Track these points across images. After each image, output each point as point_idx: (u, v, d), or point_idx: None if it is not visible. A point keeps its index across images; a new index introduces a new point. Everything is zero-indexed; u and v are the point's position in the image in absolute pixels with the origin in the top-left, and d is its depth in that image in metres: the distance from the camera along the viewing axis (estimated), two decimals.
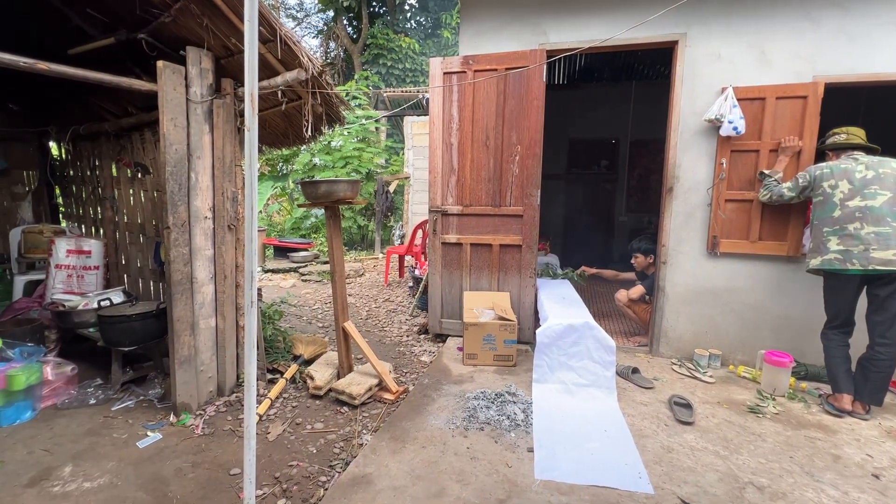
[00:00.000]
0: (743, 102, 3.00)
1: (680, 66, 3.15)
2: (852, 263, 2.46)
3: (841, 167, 2.59)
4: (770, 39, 3.00)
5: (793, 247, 3.00)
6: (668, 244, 3.30)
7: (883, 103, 5.10)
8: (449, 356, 3.38)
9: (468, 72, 3.42)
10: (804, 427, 2.43)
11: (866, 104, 5.40)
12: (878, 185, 2.46)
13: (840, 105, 3.43)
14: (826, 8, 2.88)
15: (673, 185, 3.24)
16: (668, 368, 3.19)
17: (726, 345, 3.24)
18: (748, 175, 3.08)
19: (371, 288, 5.81)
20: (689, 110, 3.17)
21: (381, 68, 13.25)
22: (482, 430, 2.37)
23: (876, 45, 2.82)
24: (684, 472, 2.04)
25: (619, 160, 7.28)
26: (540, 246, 4.44)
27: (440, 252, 3.68)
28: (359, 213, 8.74)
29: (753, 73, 3.04)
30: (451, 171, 3.57)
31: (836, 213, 2.54)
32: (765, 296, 3.13)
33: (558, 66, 5.80)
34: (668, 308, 3.34)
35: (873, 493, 1.91)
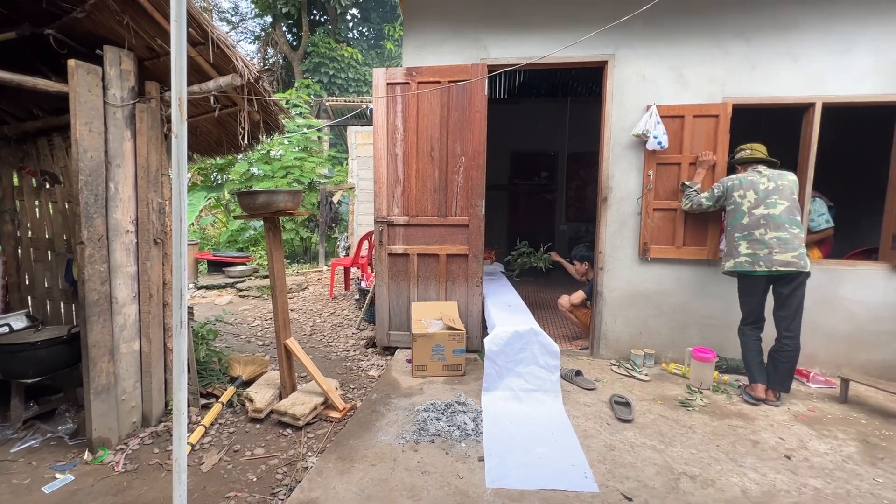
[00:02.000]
0: (666, 119, 3.26)
1: (610, 84, 3.38)
2: (759, 265, 2.74)
3: (748, 179, 2.89)
4: (687, 64, 3.29)
5: (711, 251, 3.29)
6: (604, 251, 3.49)
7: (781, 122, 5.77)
8: (398, 369, 3.32)
9: (412, 83, 3.44)
10: (727, 417, 2.65)
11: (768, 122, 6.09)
12: (778, 195, 2.77)
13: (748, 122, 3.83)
14: (733, 38, 3.21)
15: (607, 196, 3.45)
16: (608, 369, 3.35)
17: (659, 344, 3.46)
18: (672, 186, 3.34)
19: (315, 302, 5.60)
20: (619, 126, 3.40)
21: (322, 77, 13.01)
22: (433, 442, 2.34)
23: (773, 72, 3.19)
24: (626, 468, 2.14)
25: (558, 172, 7.64)
26: (486, 255, 4.52)
27: (387, 263, 3.64)
28: (301, 225, 8.44)
29: (674, 93, 3.32)
30: (396, 181, 3.56)
31: (745, 220, 2.82)
32: (690, 297, 3.40)
33: (500, 80, 6.01)
34: (606, 312, 3.52)
35: (786, 472, 2.11)
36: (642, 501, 1.90)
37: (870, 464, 2.20)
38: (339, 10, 13.81)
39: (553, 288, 4.52)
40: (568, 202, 7.64)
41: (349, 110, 8.79)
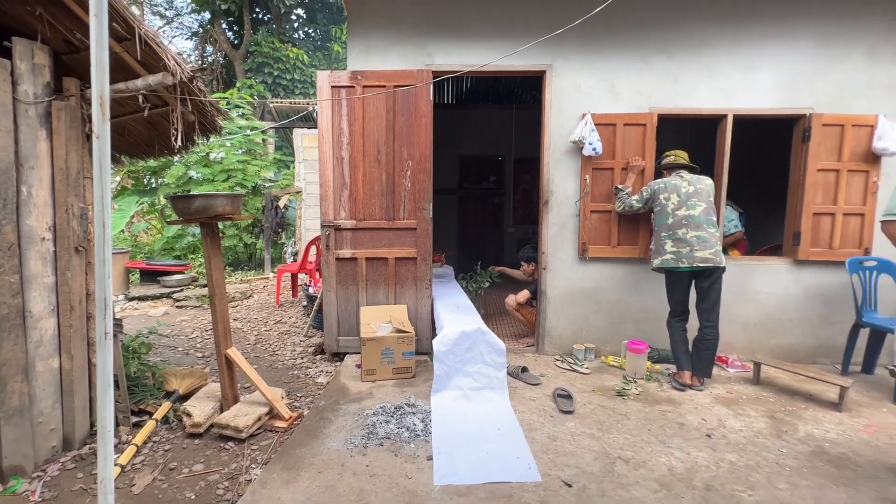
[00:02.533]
0: (600, 127, 3.48)
1: (548, 93, 3.55)
2: (683, 262, 2.99)
3: (672, 183, 3.15)
4: (618, 76, 3.53)
5: (642, 250, 3.54)
6: (547, 252, 3.65)
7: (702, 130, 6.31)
8: (347, 374, 3.28)
9: (357, 87, 3.43)
10: (658, 403, 2.86)
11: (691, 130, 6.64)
12: (697, 198, 3.04)
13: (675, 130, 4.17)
14: (656, 54, 3.49)
15: (548, 199, 3.61)
16: (552, 364, 3.50)
17: (598, 338, 3.67)
18: (607, 189, 3.56)
19: (261, 310, 5.40)
20: (558, 132, 3.58)
21: (266, 77, 12.57)
22: (382, 445, 2.35)
23: (692, 86, 3.50)
24: (567, 456, 2.26)
25: (505, 176, 7.86)
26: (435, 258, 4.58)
27: (334, 268, 3.59)
28: (245, 231, 8.09)
29: (607, 103, 3.55)
30: (343, 185, 3.53)
31: (670, 221, 3.07)
32: (625, 293, 3.63)
33: (448, 86, 6.11)
34: (549, 309, 3.68)
35: (707, 449, 2.32)
36: (581, 486, 2.01)
37: (776, 437, 2.46)
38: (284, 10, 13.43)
39: (504, 289, 4.65)
40: (515, 205, 7.88)
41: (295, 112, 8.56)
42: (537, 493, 1.97)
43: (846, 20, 3.37)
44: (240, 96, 8.91)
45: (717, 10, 3.41)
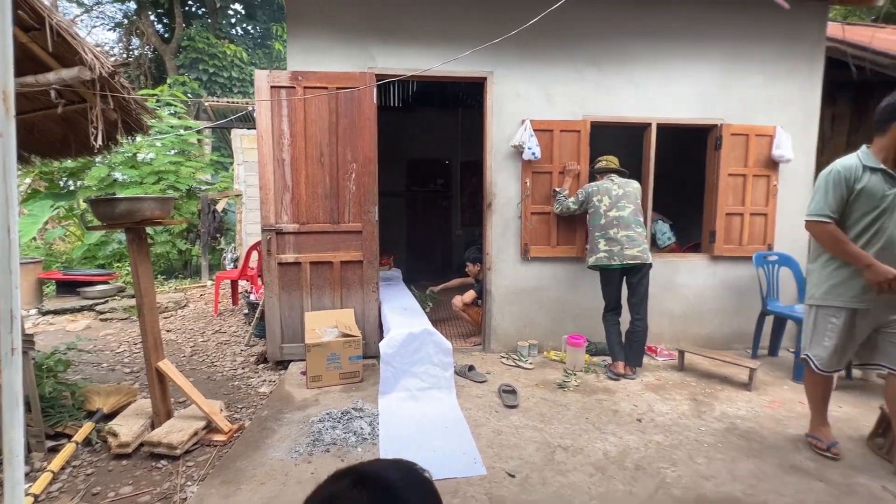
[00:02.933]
0: (538, 132, 3.64)
1: (490, 98, 3.67)
2: (615, 260, 3.20)
3: (604, 186, 3.37)
4: (554, 84, 3.72)
5: (579, 249, 3.75)
6: (491, 252, 3.77)
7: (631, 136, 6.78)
8: (292, 382, 3.20)
9: (298, 87, 3.36)
10: (595, 393, 3.04)
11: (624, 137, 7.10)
12: (626, 200, 3.28)
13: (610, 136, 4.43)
14: (588, 66, 3.71)
15: (491, 201, 3.73)
16: (498, 362, 3.61)
17: (541, 335, 3.83)
18: (546, 192, 3.74)
19: (198, 320, 5.10)
20: (500, 137, 3.70)
21: (201, 74, 11.91)
22: (328, 451, 2.31)
23: (620, 96, 3.76)
24: (511, 448, 2.34)
25: (452, 179, 7.98)
26: (383, 261, 4.56)
27: (277, 273, 3.48)
28: (179, 236, 7.61)
29: (544, 110, 3.72)
30: (284, 187, 3.43)
31: (602, 221, 3.28)
32: (564, 291, 3.82)
33: (394, 89, 6.11)
34: (495, 308, 3.79)
35: (637, 433, 2.50)
36: (524, 476, 2.10)
37: (696, 417, 2.70)
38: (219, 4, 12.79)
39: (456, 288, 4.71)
40: (463, 208, 8.02)
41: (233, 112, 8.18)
42: (482, 485, 2.03)
43: (747, 43, 3.77)
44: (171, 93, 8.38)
45: (638, 27, 3.69)
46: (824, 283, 2.22)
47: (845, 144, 4.72)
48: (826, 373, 2.26)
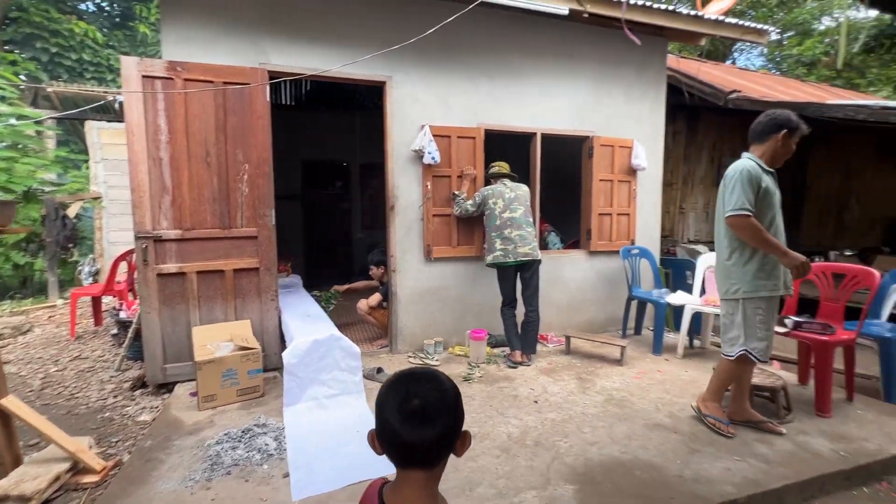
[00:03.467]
0: (437, 138, 3.80)
1: (389, 103, 3.72)
2: (510, 257, 3.49)
3: (497, 189, 3.64)
4: (451, 93, 3.91)
5: (478, 249, 3.99)
6: (395, 254, 3.82)
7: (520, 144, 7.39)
8: (180, 406, 2.88)
9: (177, 79, 3.05)
10: (497, 381, 3.27)
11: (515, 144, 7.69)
12: (517, 202, 3.59)
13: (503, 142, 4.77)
14: (481, 77, 3.97)
15: (394, 204, 3.78)
16: (406, 361, 3.68)
17: (445, 332, 3.99)
18: (446, 195, 3.91)
19: (48, 346, 4.29)
20: (400, 141, 3.78)
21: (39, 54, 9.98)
22: (229, 473, 2.15)
23: (510, 106, 4.09)
24: None
25: (352, 182, 7.85)
26: (281, 267, 4.33)
27: (156, 286, 3.11)
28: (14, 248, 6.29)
29: (442, 116, 3.89)
30: (162, 189, 3.08)
31: (497, 222, 3.55)
32: (466, 289, 4.03)
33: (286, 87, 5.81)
34: (400, 309, 3.86)
35: (535, 413, 2.77)
36: None
37: (582, 393, 3.07)
38: None
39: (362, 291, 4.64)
40: (363, 211, 7.93)
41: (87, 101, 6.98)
42: None
43: (611, 67, 4.39)
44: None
45: (523, 45, 4.06)
46: (748, 276, 2.34)
47: (683, 156, 5.74)
48: (764, 362, 2.43)
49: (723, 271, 2.48)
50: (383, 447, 0.87)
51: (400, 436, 0.83)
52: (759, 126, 2.41)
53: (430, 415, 0.83)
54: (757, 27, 4.35)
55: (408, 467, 0.86)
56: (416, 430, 0.82)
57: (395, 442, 0.85)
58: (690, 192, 5.88)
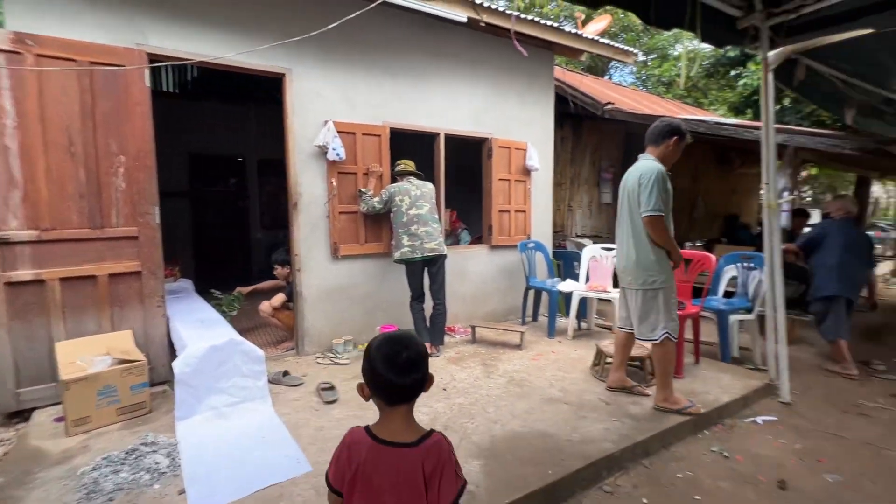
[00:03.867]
0: (342, 134, 3.75)
1: (290, 96, 3.59)
2: (417, 253, 3.60)
3: (404, 187, 3.73)
4: (355, 90, 3.88)
5: (386, 245, 4.03)
6: (300, 253, 3.70)
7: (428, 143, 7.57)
8: (41, 434, 2.49)
9: (27, 55, 2.61)
10: None
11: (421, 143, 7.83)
12: (423, 199, 3.71)
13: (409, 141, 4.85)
14: (385, 75, 4.01)
15: (297, 201, 3.66)
16: (314, 363, 3.59)
17: (355, 330, 3.97)
18: (352, 192, 3.88)
19: None
20: (302, 135, 3.66)
21: None
22: (112, 500, 1.94)
23: (414, 106, 4.19)
24: (335, 440, 2.35)
25: (248, 178, 7.33)
26: (167, 272, 3.93)
27: (4, 297, 2.63)
28: None
29: (347, 112, 3.85)
30: (10, 183, 2.62)
31: (404, 219, 3.64)
32: (375, 285, 4.06)
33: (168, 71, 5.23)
34: (307, 309, 3.75)
35: (444, 400, 2.91)
36: None
37: (487, 377, 3.30)
38: None
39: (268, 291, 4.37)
40: (262, 209, 7.46)
41: None
42: (309, 482, 2.05)
43: (507, 73, 4.72)
44: None
45: (426, 47, 4.19)
46: (665, 268, 2.63)
47: (570, 159, 6.38)
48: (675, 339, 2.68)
49: (642, 265, 2.64)
50: (375, 393, 1.14)
51: (393, 382, 1.09)
52: (655, 130, 2.71)
53: (416, 363, 1.10)
54: (625, 49, 5.03)
55: (395, 405, 1.12)
56: (406, 376, 1.09)
57: (388, 387, 1.10)
58: (577, 192, 6.56)
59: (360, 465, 1.09)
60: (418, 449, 1.09)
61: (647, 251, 2.64)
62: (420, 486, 1.06)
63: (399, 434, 1.11)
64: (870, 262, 3.95)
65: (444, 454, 1.11)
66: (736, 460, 2.39)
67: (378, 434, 1.12)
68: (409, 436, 1.11)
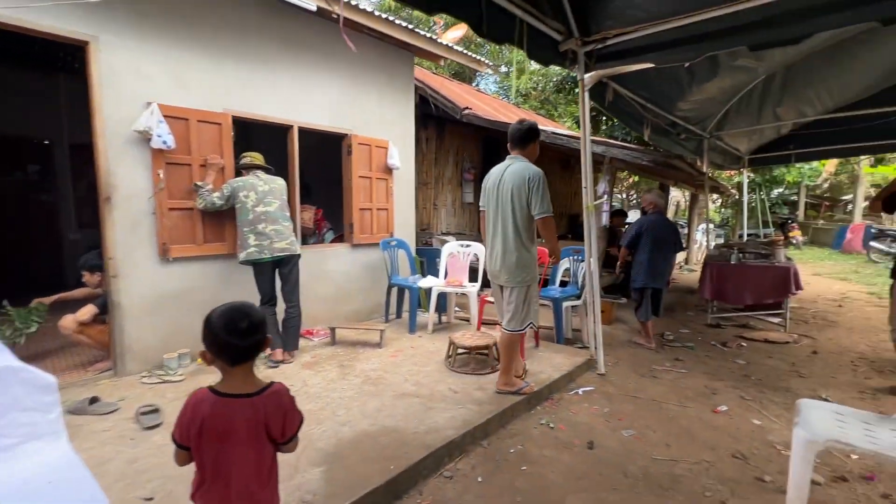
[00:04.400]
0: (171, 119, 3.28)
1: (97, 70, 3.01)
2: (265, 253, 3.34)
3: (249, 182, 3.42)
4: (188, 70, 3.42)
5: (231, 245, 3.66)
6: (116, 256, 3.14)
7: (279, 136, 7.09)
8: None
9: None
10: None
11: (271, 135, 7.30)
12: (272, 196, 3.46)
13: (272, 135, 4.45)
14: (226, 59, 3.60)
15: (111, 195, 3.10)
16: (138, 383, 3.09)
17: (193, 342, 3.46)
18: (186, 186, 3.43)
19: None
20: (117, 118, 3.11)
21: None
22: None
23: (262, 95, 3.86)
24: (149, 472, 2.10)
25: (57, 166, 5.99)
26: None
27: None
28: None
29: (176, 95, 3.38)
30: None
31: (250, 217, 3.35)
32: (218, 290, 3.65)
33: None
34: (128, 322, 3.20)
35: None
36: (165, 494, 1.95)
37: (342, 379, 3.22)
38: None
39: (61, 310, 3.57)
40: (79, 204, 6.17)
41: None
42: None
43: (368, 68, 4.66)
44: None
45: (276, 32, 3.88)
46: (535, 265, 2.87)
47: (434, 159, 6.60)
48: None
49: (517, 263, 2.79)
50: (218, 356, 1.24)
51: (237, 345, 1.22)
52: (520, 133, 2.84)
53: (256, 327, 1.25)
54: (478, 58, 5.37)
55: (237, 364, 1.24)
56: (247, 339, 1.23)
57: (231, 350, 1.22)
58: (442, 191, 6.82)
59: (205, 419, 1.21)
60: (260, 397, 1.24)
61: (527, 250, 2.80)
62: (262, 429, 1.24)
63: (241, 388, 1.24)
64: (676, 247, 4.73)
65: (283, 398, 1.28)
66: (559, 429, 2.73)
67: (221, 389, 1.24)
68: (250, 388, 1.25)
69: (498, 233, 2.87)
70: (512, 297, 2.87)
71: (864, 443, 1.63)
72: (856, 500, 2.07)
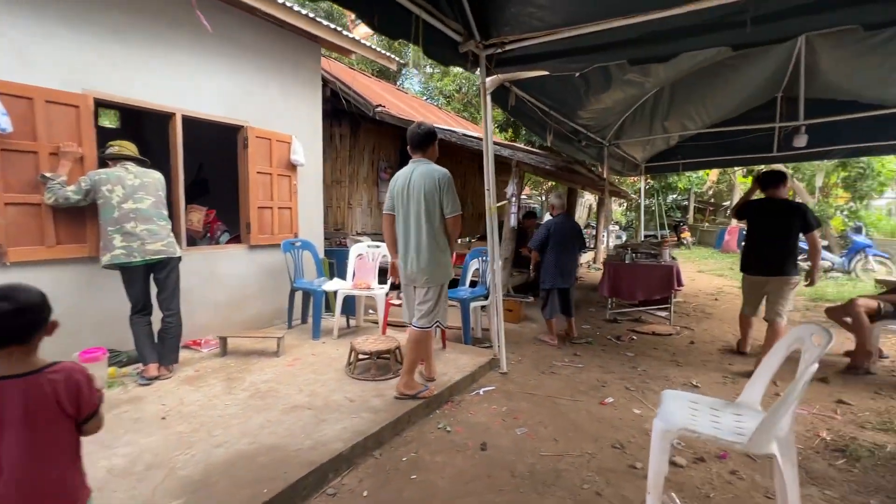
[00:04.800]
0: (8, 98, 2.78)
1: None
2: (135, 256, 2.95)
3: (116, 174, 3.00)
4: (33, 43, 2.91)
5: (94, 247, 3.18)
6: None
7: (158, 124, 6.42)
8: None
9: None
10: (117, 407, 2.71)
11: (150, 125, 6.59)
12: (145, 192, 3.06)
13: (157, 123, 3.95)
14: (86, 32, 3.13)
15: None
16: None
17: None
18: (31, 177, 2.92)
19: None
20: None
21: None
22: None
23: (137, 78, 3.41)
24: None
25: None
26: None
27: None
28: None
29: (17, 71, 2.86)
30: None
31: (116, 214, 2.93)
32: (77, 298, 3.16)
33: None
34: None
35: (160, 431, 2.44)
36: None
37: (227, 394, 2.93)
38: None
39: None
40: None
41: None
42: None
43: (267, 57, 4.33)
44: None
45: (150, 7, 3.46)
46: (449, 264, 2.93)
47: (348, 157, 6.37)
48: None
49: (435, 263, 2.84)
50: None
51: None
52: (419, 137, 2.87)
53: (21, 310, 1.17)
54: (388, 55, 5.26)
55: (5, 346, 1.16)
56: (9, 322, 1.15)
57: None
58: (356, 190, 6.60)
59: None
60: (41, 374, 1.17)
61: (442, 250, 2.87)
62: (52, 407, 1.18)
63: (16, 367, 1.16)
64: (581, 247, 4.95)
65: (75, 374, 1.23)
66: (456, 432, 2.71)
67: None
68: (28, 367, 1.17)
69: (411, 235, 2.86)
70: (428, 296, 2.89)
71: (708, 429, 1.78)
72: (710, 479, 2.28)
